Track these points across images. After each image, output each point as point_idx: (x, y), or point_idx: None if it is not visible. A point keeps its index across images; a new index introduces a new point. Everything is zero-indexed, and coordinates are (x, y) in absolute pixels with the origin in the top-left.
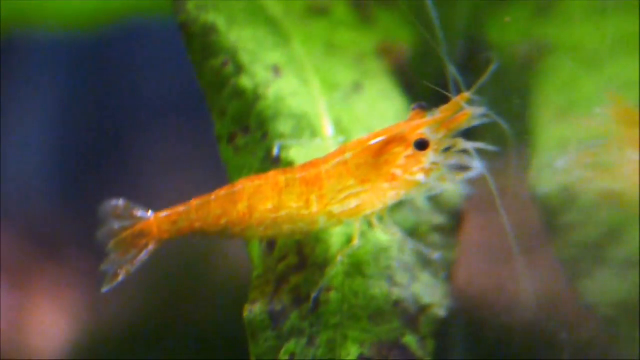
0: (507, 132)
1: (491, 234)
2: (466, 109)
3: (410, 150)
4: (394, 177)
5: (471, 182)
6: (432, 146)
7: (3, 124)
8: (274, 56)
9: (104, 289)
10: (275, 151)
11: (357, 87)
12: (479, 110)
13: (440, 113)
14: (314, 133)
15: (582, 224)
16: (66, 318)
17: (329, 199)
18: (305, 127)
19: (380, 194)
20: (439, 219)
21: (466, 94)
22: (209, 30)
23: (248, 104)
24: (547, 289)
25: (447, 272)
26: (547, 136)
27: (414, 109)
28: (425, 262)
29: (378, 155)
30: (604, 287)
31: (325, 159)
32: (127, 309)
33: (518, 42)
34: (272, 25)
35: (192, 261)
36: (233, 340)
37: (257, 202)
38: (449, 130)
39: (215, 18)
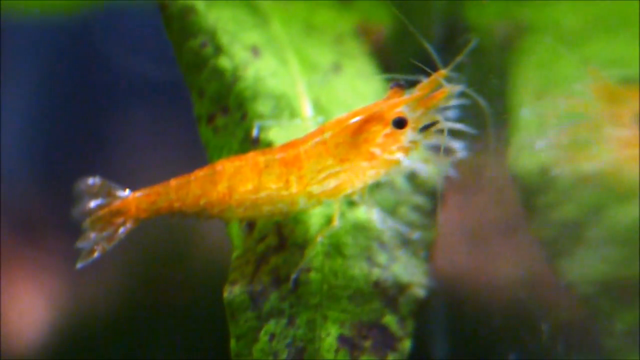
0: (486, 110)
1: (470, 214)
2: (444, 87)
3: (389, 129)
4: (373, 156)
5: (450, 162)
6: (410, 124)
7: None
8: (253, 37)
9: (79, 265)
10: (254, 132)
11: (336, 67)
12: (456, 87)
13: (418, 91)
14: (293, 113)
15: (561, 203)
16: (45, 301)
17: (309, 179)
18: (285, 108)
19: (360, 173)
20: (418, 199)
21: (444, 71)
22: (188, 11)
23: (227, 84)
24: (527, 268)
25: (426, 252)
26: (526, 116)
27: (391, 88)
28: (404, 243)
29: (357, 134)
30: (583, 266)
31: (304, 140)
32: (106, 291)
33: (496, 23)
34: (251, 5)
35: (172, 242)
36: (213, 320)
37: (237, 183)
38: (427, 108)
39: None
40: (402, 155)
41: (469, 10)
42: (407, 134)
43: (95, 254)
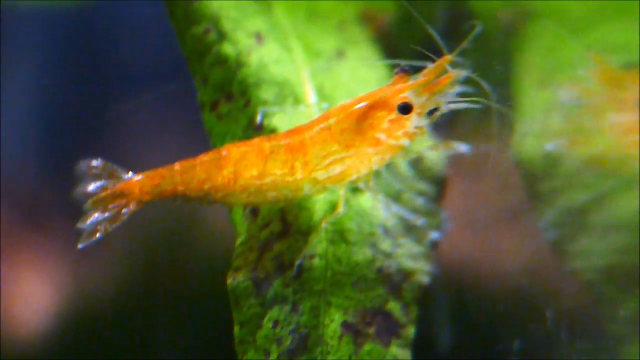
0: (490, 94)
1: (475, 200)
2: (449, 72)
3: (394, 114)
4: (378, 142)
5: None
6: (416, 110)
7: None
8: (257, 23)
9: (80, 245)
10: (258, 118)
11: (339, 54)
12: (461, 72)
13: (423, 77)
14: (297, 100)
15: (565, 190)
16: (49, 287)
17: (314, 165)
18: (288, 94)
19: (365, 159)
20: (422, 185)
21: (448, 57)
22: None
23: (231, 71)
24: (531, 255)
25: (431, 239)
26: (530, 102)
27: (396, 73)
28: (408, 229)
29: (362, 120)
30: (587, 252)
31: (309, 126)
32: (109, 276)
33: (500, 9)
34: None
35: (175, 228)
36: (217, 307)
37: (243, 168)
38: (432, 94)
39: None
40: (408, 141)
41: None
42: (413, 120)
43: (97, 235)
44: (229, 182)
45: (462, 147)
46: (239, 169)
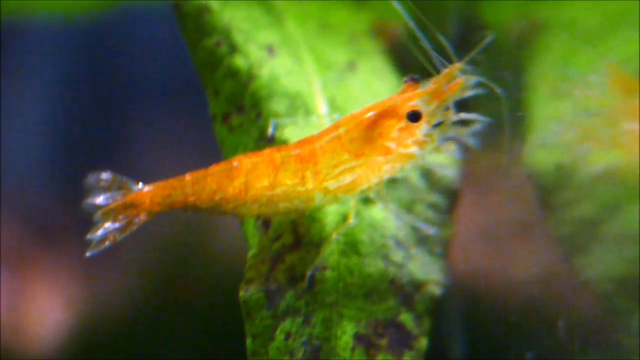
0: (503, 100)
1: (487, 212)
2: (458, 78)
3: (403, 123)
4: (388, 151)
5: (467, 159)
6: (425, 118)
7: (1, 108)
8: (268, 36)
9: (88, 253)
10: (270, 130)
11: (351, 66)
12: (471, 79)
13: (432, 84)
14: (309, 112)
15: (577, 201)
16: (63, 303)
17: (324, 174)
18: (300, 107)
19: (375, 168)
20: (434, 197)
21: (458, 64)
22: (203, 10)
23: (242, 83)
24: (543, 266)
25: (442, 250)
26: (542, 113)
27: (406, 82)
28: (420, 241)
29: (371, 129)
30: (599, 263)
31: (319, 136)
32: (122, 291)
33: (512, 20)
34: (266, 4)
35: (187, 241)
36: (229, 319)
37: (254, 179)
38: (442, 101)
39: None
40: (418, 149)
41: (485, 8)
42: (422, 128)
43: (106, 244)
44: (240, 193)
45: (471, 140)
46: (250, 179)
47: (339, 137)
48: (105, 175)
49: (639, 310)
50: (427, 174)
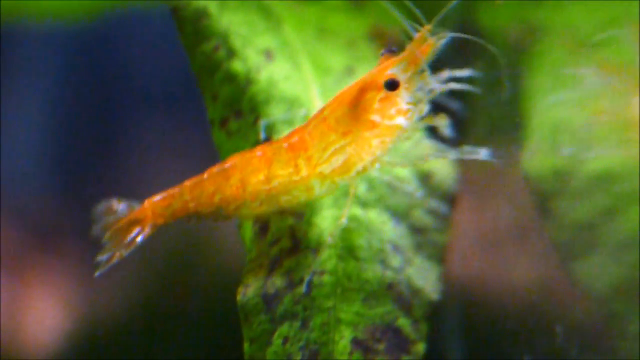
0: (500, 59)
1: (485, 217)
2: (430, 40)
3: (383, 93)
4: (373, 124)
5: (464, 163)
6: (403, 85)
7: None
8: (266, 40)
9: (97, 273)
10: (261, 132)
11: (349, 71)
12: (441, 36)
13: (406, 52)
14: (307, 117)
15: (575, 205)
16: (62, 308)
17: (317, 159)
18: (300, 113)
19: (365, 144)
20: (432, 202)
21: (428, 26)
22: (201, 14)
23: (240, 88)
24: (541, 271)
25: (440, 255)
26: (540, 118)
27: (382, 55)
28: (418, 246)
29: (354, 105)
30: (597, 268)
31: (307, 123)
32: (121, 297)
33: (510, 25)
34: (264, 9)
35: (185, 246)
36: (226, 324)
37: (249, 174)
38: (417, 66)
39: (207, 2)
40: (404, 120)
41: (483, 13)
42: (403, 96)
43: (114, 260)
44: (237, 191)
45: (482, 153)
46: (245, 175)
47: (325, 119)
48: (113, 202)
49: (638, 315)
50: (425, 179)
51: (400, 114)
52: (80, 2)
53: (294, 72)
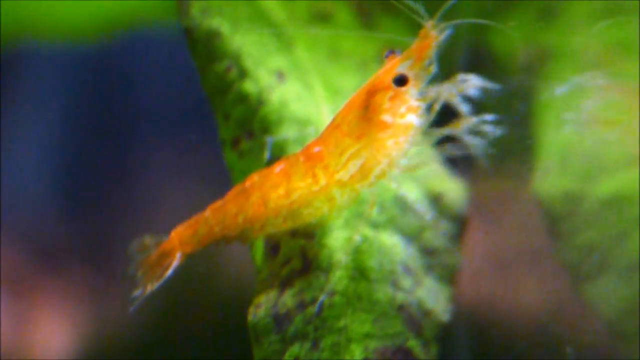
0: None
1: (495, 239)
2: (432, 35)
3: (391, 91)
4: (385, 125)
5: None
6: (411, 81)
7: (4, 135)
8: (278, 61)
9: (132, 308)
10: (267, 149)
11: None
12: (443, 29)
13: (410, 49)
14: (316, 135)
15: (585, 228)
16: (68, 330)
17: (334, 166)
18: (309, 132)
19: (379, 146)
20: (442, 224)
21: (431, 21)
22: (213, 35)
23: (252, 108)
24: (551, 293)
25: (451, 277)
26: (550, 140)
27: (386, 56)
28: (429, 267)
29: (364, 107)
30: (608, 289)
31: (321, 134)
32: (129, 318)
33: (521, 48)
34: (276, 30)
35: (196, 266)
36: (237, 344)
37: (268, 190)
38: (423, 61)
39: (220, 23)
40: (415, 117)
41: (494, 36)
42: (411, 92)
43: (147, 293)
44: (259, 209)
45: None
46: (265, 192)
47: (338, 126)
48: (145, 239)
49: None
50: (436, 201)
51: (410, 111)
52: (86, 22)
53: (305, 93)
